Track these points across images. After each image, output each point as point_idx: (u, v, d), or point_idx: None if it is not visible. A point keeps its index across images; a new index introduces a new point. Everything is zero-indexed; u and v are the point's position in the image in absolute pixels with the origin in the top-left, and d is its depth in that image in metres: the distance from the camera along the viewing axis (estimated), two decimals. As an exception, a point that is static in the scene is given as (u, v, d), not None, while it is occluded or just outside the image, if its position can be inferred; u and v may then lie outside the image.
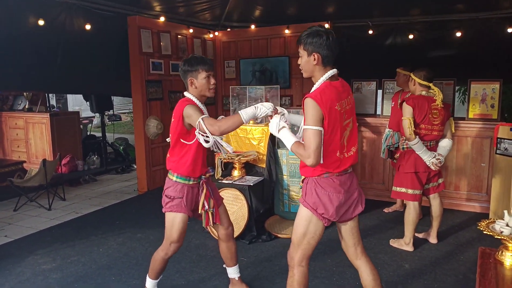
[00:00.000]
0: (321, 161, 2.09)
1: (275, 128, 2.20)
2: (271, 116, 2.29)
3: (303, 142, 2.11)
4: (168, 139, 2.63)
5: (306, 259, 2.24)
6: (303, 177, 2.26)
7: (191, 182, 2.57)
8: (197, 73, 2.51)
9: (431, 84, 3.49)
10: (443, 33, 5.95)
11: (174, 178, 2.57)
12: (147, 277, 2.76)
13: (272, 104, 2.32)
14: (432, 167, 3.43)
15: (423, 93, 3.49)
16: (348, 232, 2.29)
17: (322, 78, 2.13)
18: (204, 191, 2.59)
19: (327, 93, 2.07)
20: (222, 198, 2.83)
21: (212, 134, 2.36)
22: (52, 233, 4.22)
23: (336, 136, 2.11)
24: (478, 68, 5.75)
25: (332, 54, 2.11)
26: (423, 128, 3.43)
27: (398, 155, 3.79)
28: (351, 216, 2.25)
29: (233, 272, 2.90)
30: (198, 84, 2.52)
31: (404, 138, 3.53)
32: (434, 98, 3.45)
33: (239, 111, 2.34)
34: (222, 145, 2.48)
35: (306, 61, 2.14)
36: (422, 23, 6.05)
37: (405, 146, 3.56)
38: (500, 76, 4.71)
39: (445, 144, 3.54)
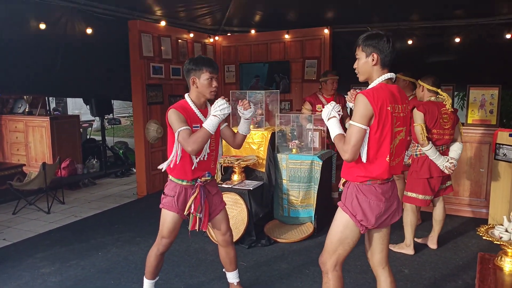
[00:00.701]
0: (364, 160, 2.08)
1: (326, 116, 2.23)
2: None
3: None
4: None
5: (339, 264, 2.21)
6: (343, 179, 2.23)
7: (184, 183, 2.58)
8: (200, 72, 2.49)
9: (439, 90, 3.52)
10: (442, 39, 5.98)
11: (170, 177, 2.62)
12: (144, 279, 2.76)
13: (224, 100, 2.41)
14: (446, 171, 3.46)
15: (432, 98, 3.52)
16: (379, 239, 2.25)
17: (378, 79, 2.11)
18: (195, 194, 2.56)
19: (381, 92, 2.05)
20: (224, 205, 2.78)
21: (187, 151, 2.42)
22: (51, 236, 4.21)
23: (387, 138, 2.07)
24: (477, 74, 5.78)
25: (390, 56, 2.11)
26: (435, 133, 3.45)
27: (410, 160, 3.81)
28: (388, 224, 2.22)
29: (232, 277, 2.89)
30: (199, 84, 2.51)
31: (416, 144, 3.56)
32: (444, 103, 3.49)
33: (204, 126, 2.40)
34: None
35: (364, 62, 2.13)
36: (421, 29, 6.08)
37: (418, 152, 3.58)
38: (499, 82, 4.73)
39: (456, 147, 3.57)
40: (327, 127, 2.26)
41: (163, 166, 2.57)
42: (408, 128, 2.23)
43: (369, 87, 2.12)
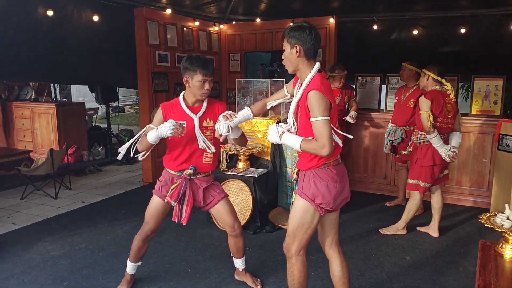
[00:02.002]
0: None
1: (276, 137, 2.22)
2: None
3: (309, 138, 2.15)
4: None
5: (303, 249, 2.30)
6: (296, 169, 2.32)
7: (172, 173, 2.69)
8: (194, 73, 2.50)
9: (443, 80, 3.56)
10: (448, 29, 5.98)
11: (164, 167, 2.76)
12: (128, 260, 2.89)
13: (172, 122, 2.41)
14: (448, 159, 3.53)
15: (437, 88, 3.56)
16: (331, 222, 2.36)
17: (313, 71, 2.17)
18: (176, 184, 2.62)
19: (325, 83, 2.14)
20: (222, 196, 2.77)
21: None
22: (60, 221, 4.29)
23: (332, 122, 2.16)
24: (481, 65, 5.79)
25: (314, 48, 2.18)
26: (440, 122, 3.51)
27: (411, 148, 3.87)
28: (341, 206, 2.32)
29: (238, 263, 2.98)
30: (191, 84, 2.53)
31: (420, 132, 3.62)
32: (447, 92, 3.53)
33: (148, 134, 2.53)
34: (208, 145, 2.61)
35: (289, 53, 2.20)
36: (426, 19, 6.08)
37: (422, 140, 3.63)
38: (503, 73, 4.74)
39: (457, 137, 3.65)
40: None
41: (120, 156, 2.63)
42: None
43: (306, 79, 2.16)
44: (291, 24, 2.23)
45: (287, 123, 2.31)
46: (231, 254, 3.00)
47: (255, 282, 2.99)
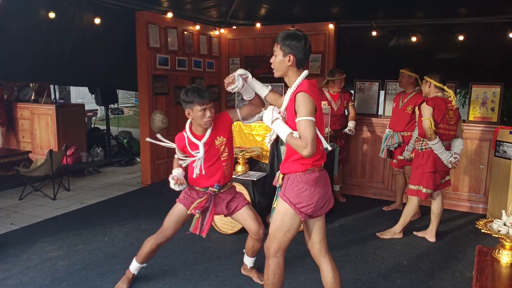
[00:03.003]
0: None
1: (269, 120, 2.25)
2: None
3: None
4: None
5: (281, 251, 2.32)
6: (281, 175, 2.33)
7: (197, 189, 2.82)
8: (192, 105, 2.60)
9: (445, 87, 3.59)
10: (446, 36, 6.02)
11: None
12: (134, 259, 2.93)
13: (172, 181, 2.67)
14: (450, 166, 3.56)
15: (439, 94, 3.59)
16: (317, 229, 2.36)
17: (300, 77, 2.20)
18: (202, 198, 2.73)
19: (313, 89, 2.18)
20: (244, 203, 2.89)
21: None
22: (58, 222, 4.30)
23: (320, 130, 2.20)
24: (479, 72, 5.84)
25: (305, 58, 2.22)
26: (441, 128, 3.53)
27: (413, 155, 3.90)
28: (324, 212, 2.34)
29: (249, 261, 3.09)
30: (194, 116, 2.64)
31: (421, 138, 3.65)
32: (449, 99, 3.57)
33: (173, 172, 2.73)
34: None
35: (281, 61, 2.21)
36: (425, 26, 6.12)
37: (423, 146, 3.66)
38: (501, 80, 4.79)
39: (458, 143, 3.68)
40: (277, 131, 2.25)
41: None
42: None
43: (294, 85, 2.19)
44: (284, 31, 2.22)
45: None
46: (244, 250, 3.08)
47: (259, 277, 3.05)
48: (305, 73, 2.22)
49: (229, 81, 2.49)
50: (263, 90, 2.52)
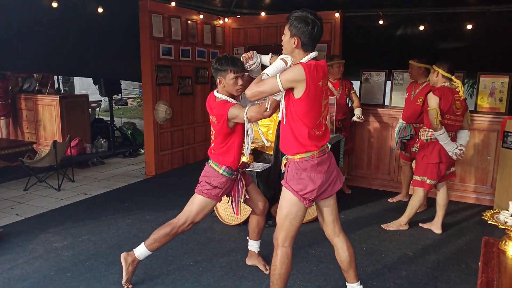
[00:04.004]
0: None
1: (282, 56, 2.28)
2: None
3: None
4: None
5: (289, 240, 2.32)
6: (285, 161, 2.36)
7: (233, 176, 2.75)
8: (225, 73, 2.60)
9: (453, 77, 3.53)
10: (454, 25, 5.92)
11: (221, 171, 2.70)
12: (144, 246, 2.77)
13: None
14: (454, 157, 3.51)
15: (446, 84, 3.53)
16: (327, 209, 2.39)
17: (305, 58, 2.19)
18: (244, 183, 2.78)
19: (315, 69, 2.15)
20: (251, 180, 2.96)
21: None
22: (63, 212, 4.31)
23: (312, 111, 2.18)
24: (487, 62, 5.74)
25: (312, 43, 2.19)
26: (448, 119, 3.49)
27: (418, 145, 3.84)
28: (330, 194, 2.35)
29: (254, 246, 3.09)
30: (225, 83, 2.62)
31: (427, 129, 3.59)
32: (457, 90, 3.51)
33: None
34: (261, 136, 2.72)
35: (287, 41, 2.22)
36: (433, 15, 6.01)
37: (429, 137, 3.61)
38: (509, 70, 4.70)
39: (465, 135, 3.63)
40: None
41: (247, 152, 2.71)
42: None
43: (305, 61, 2.19)
44: (298, 11, 2.19)
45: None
46: (248, 238, 3.08)
47: (265, 266, 3.06)
48: (312, 54, 2.20)
49: (249, 56, 2.53)
50: (267, 57, 2.53)
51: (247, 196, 2.85)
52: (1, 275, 3.02)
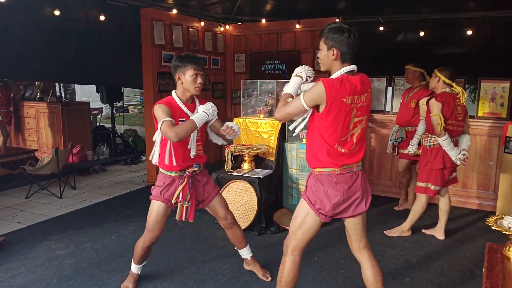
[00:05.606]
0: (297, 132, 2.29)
1: (296, 71, 2.32)
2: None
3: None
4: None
5: (299, 250, 2.31)
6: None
7: (173, 174, 2.68)
8: (185, 69, 2.57)
9: (454, 84, 3.54)
10: (454, 31, 5.94)
11: (160, 169, 2.73)
12: (132, 261, 2.94)
13: (211, 104, 2.61)
14: (458, 162, 3.51)
15: (447, 90, 3.54)
16: (351, 228, 2.33)
17: (338, 72, 2.16)
18: (183, 184, 2.66)
19: (338, 84, 2.10)
20: (217, 191, 2.88)
21: (170, 140, 2.49)
22: (65, 220, 4.30)
23: (335, 128, 2.13)
24: (488, 67, 5.75)
25: (351, 52, 2.15)
26: (450, 124, 3.49)
27: (420, 151, 3.85)
28: (352, 215, 2.26)
29: (244, 253, 3.06)
30: (184, 80, 2.59)
31: (429, 135, 3.60)
32: (457, 96, 3.54)
33: (192, 117, 2.52)
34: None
35: (325, 55, 2.18)
36: (433, 21, 6.04)
37: (431, 143, 3.61)
38: (510, 75, 4.71)
39: (466, 139, 3.63)
40: None
41: (154, 160, 2.65)
42: (368, 117, 2.28)
43: (331, 78, 2.17)
44: (330, 24, 2.18)
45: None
46: (235, 248, 3.07)
47: (265, 274, 3.04)
48: (347, 67, 2.15)
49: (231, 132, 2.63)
50: (305, 85, 2.46)
51: (179, 199, 2.68)
52: (4, 284, 3.01)
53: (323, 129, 2.14)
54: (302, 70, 2.33)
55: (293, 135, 2.58)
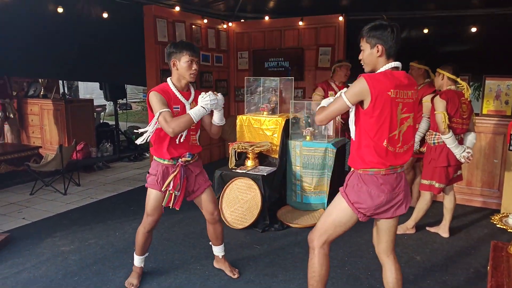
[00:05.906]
0: (353, 137, 2.19)
1: (326, 102, 2.29)
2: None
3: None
4: None
5: (328, 243, 2.27)
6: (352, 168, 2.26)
7: (165, 162, 2.68)
8: (181, 55, 2.55)
9: (458, 79, 3.52)
10: (459, 28, 5.92)
11: (154, 157, 2.74)
12: (134, 254, 2.95)
13: (214, 95, 2.51)
14: (463, 160, 3.49)
15: (452, 87, 3.52)
16: (384, 229, 2.28)
17: (383, 68, 2.11)
18: (175, 172, 2.66)
19: (382, 78, 2.06)
20: (208, 184, 2.88)
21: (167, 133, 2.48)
22: (69, 216, 4.32)
23: (385, 124, 2.06)
24: (493, 64, 5.73)
25: (396, 46, 2.10)
26: (455, 122, 3.47)
27: (423, 149, 3.84)
28: (391, 216, 2.22)
29: (217, 251, 3.09)
30: (179, 66, 2.57)
31: (434, 132, 3.59)
32: (462, 92, 3.51)
33: (188, 112, 2.49)
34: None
35: (369, 54, 2.13)
36: (437, 18, 6.02)
37: (436, 140, 3.59)
38: (515, 72, 4.70)
39: (471, 137, 3.61)
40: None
41: (139, 141, 2.60)
42: (416, 115, 2.22)
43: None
44: (370, 24, 2.14)
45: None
46: (210, 243, 3.08)
47: (232, 271, 3.07)
48: (391, 64, 2.10)
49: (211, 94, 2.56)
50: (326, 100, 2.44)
51: (170, 187, 2.67)
52: (9, 279, 3.03)
53: (369, 127, 2.08)
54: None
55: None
